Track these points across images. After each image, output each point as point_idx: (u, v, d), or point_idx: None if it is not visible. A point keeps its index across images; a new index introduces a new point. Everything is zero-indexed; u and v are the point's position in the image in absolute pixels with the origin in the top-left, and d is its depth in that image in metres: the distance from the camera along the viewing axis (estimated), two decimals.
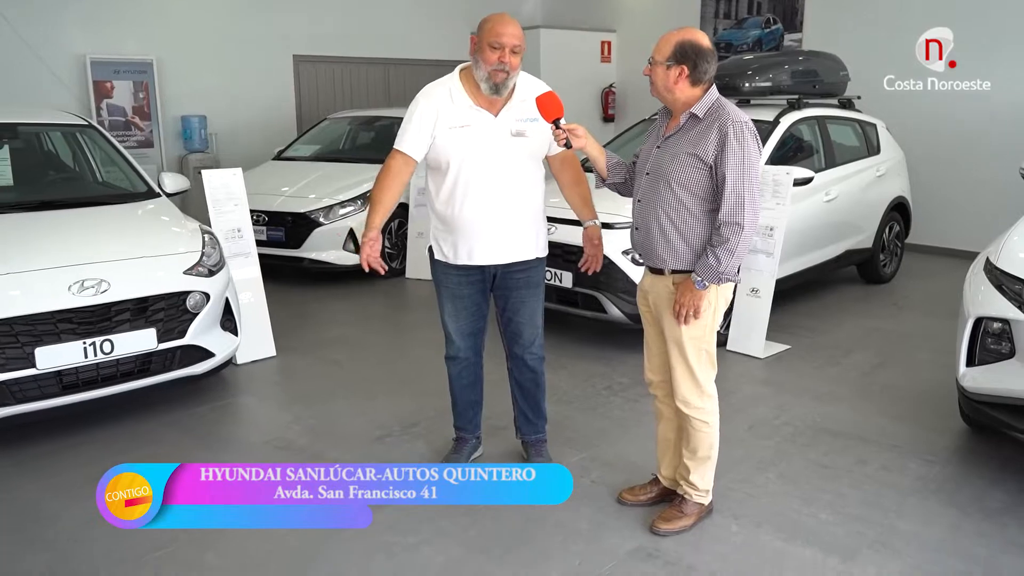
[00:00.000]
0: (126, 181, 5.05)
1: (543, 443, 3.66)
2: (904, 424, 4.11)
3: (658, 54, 2.86)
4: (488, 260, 3.28)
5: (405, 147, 3.22)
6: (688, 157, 2.84)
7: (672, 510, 3.14)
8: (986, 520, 3.20)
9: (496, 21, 3.17)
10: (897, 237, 7.26)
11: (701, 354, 2.97)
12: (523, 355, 3.48)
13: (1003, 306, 3.33)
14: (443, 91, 3.22)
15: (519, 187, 3.25)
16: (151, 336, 3.97)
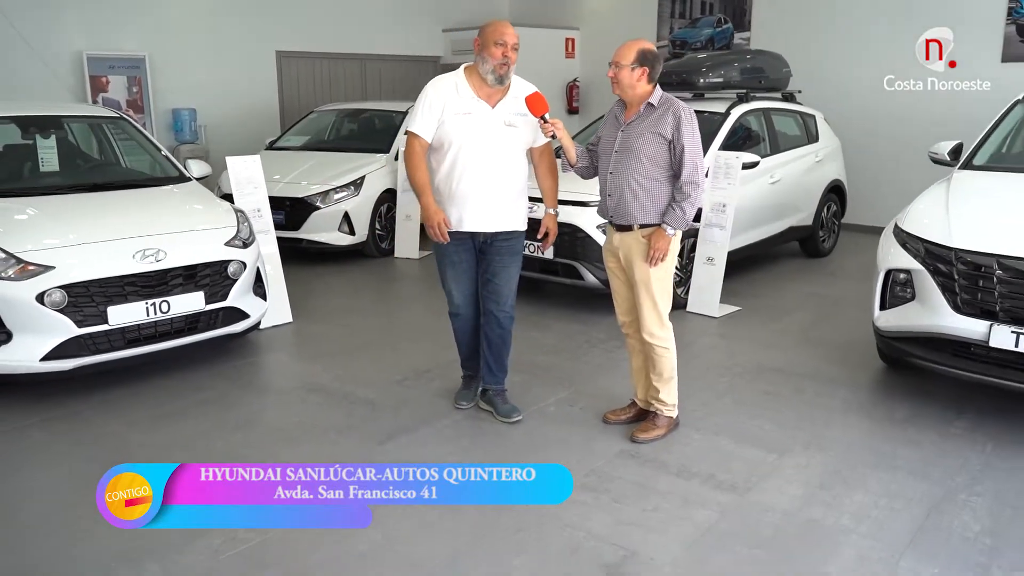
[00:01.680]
0: (158, 167, 5.67)
1: (502, 393, 4.19)
2: (834, 364, 4.95)
3: (623, 59, 3.66)
4: (479, 228, 3.92)
5: (418, 129, 3.84)
6: (653, 135, 3.64)
7: (647, 423, 3.92)
8: (893, 427, 4.05)
9: (499, 24, 3.89)
10: (834, 216, 8.16)
11: (663, 292, 3.77)
12: (497, 313, 4.06)
13: (906, 260, 4.17)
14: (450, 84, 3.88)
15: (507, 169, 3.93)
16: (200, 298, 4.63)
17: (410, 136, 3.88)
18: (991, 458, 3.69)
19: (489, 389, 4.22)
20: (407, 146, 3.89)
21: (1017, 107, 5.15)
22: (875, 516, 3.20)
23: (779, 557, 2.94)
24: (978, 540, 3.04)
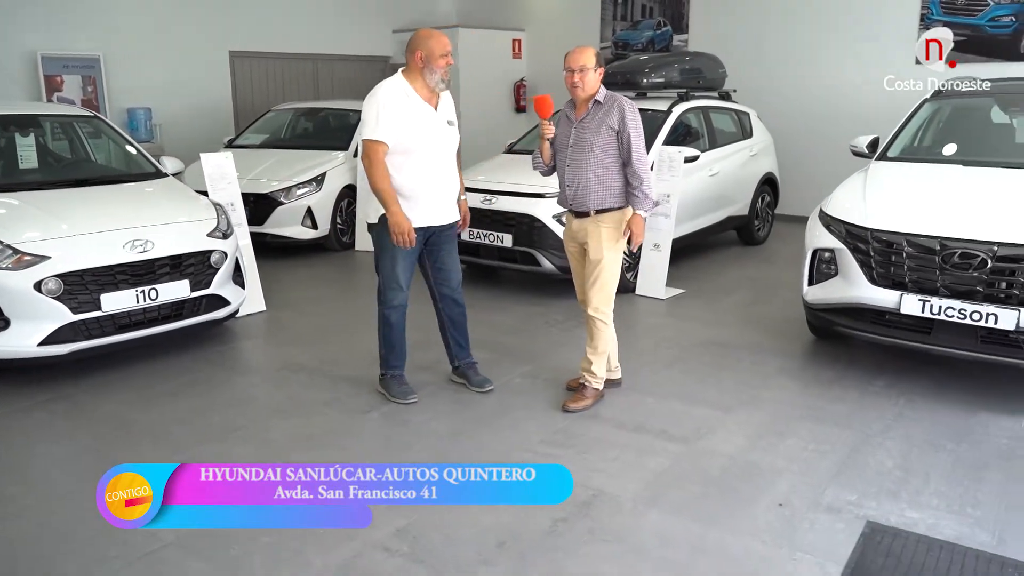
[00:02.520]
0: (133, 163, 5.91)
1: (474, 365, 4.56)
2: (770, 337, 5.49)
3: (587, 63, 4.10)
4: (435, 221, 4.23)
5: (381, 135, 3.96)
6: (605, 128, 4.09)
7: (577, 395, 4.32)
8: (820, 387, 4.59)
9: (439, 36, 4.08)
10: (768, 206, 8.78)
11: (613, 274, 4.23)
12: (453, 294, 4.41)
13: (830, 240, 4.71)
14: (399, 89, 4.05)
15: (451, 165, 4.28)
16: (185, 286, 4.92)
17: (372, 144, 3.96)
18: (904, 409, 4.25)
19: (462, 363, 4.60)
20: (370, 154, 3.97)
21: (925, 105, 5.76)
22: (804, 458, 3.71)
23: (723, 491, 3.42)
24: (890, 473, 3.56)
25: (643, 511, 3.26)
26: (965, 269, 4.13)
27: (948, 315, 4.18)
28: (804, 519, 3.19)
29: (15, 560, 2.96)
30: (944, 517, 3.20)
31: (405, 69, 4.13)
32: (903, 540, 3.02)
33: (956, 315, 4.16)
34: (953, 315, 4.16)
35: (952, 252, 4.16)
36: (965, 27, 8.68)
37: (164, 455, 3.77)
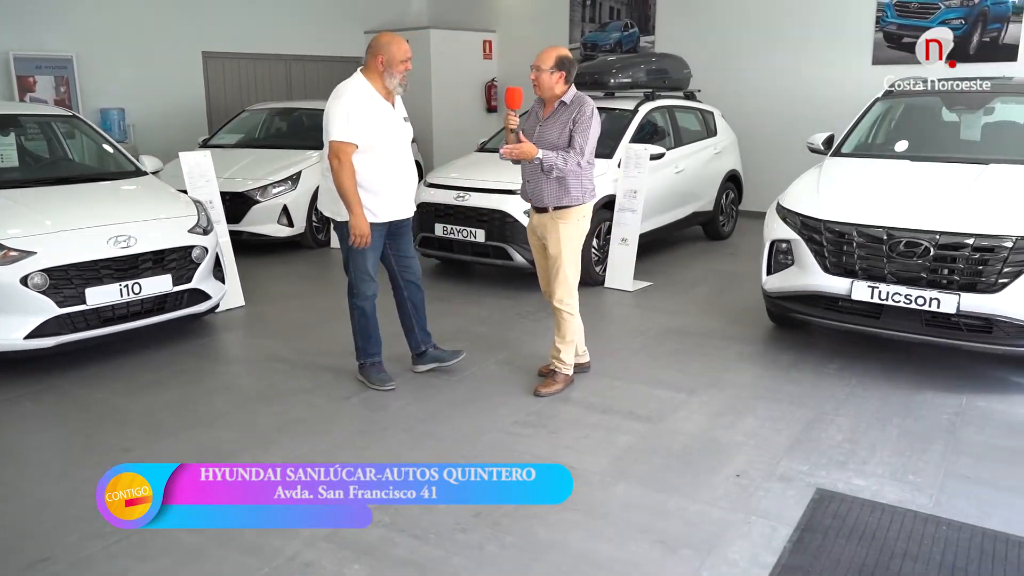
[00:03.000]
0: (113, 162, 6.03)
1: (435, 344, 4.81)
2: (732, 325, 5.75)
3: (544, 64, 4.30)
4: (400, 214, 4.44)
5: (352, 136, 4.09)
6: (564, 129, 4.29)
7: (548, 380, 4.55)
8: (778, 371, 4.85)
9: (399, 42, 4.21)
10: (732, 202, 9.07)
11: (573, 266, 4.43)
12: (416, 280, 4.65)
13: (786, 232, 4.97)
14: (363, 91, 4.20)
15: (410, 159, 4.50)
16: (168, 281, 5.06)
17: (341, 145, 4.08)
18: (855, 389, 4.52)
19: (428, 348, 4.80)
20: (340, 155, 4.09)
21: (877, 104, 6.06)
22: (762, 434, 3.96)
23: (685, 464, 3.66)
24: (840, 446, 3.82)
25: (610, 483, 3.48)
26: (910, 257, 4.41)
27: (895, 300, 4.46)
28: (759, 488, 3.43)
29: (20, 536, 3.10)
30: (887, 484, 3.46)
31: (364, 69, 4.29)
32: (849, 504, 3.28)
33: (903, 300, 4.44)
34: (900, 300, 4.44)
35: (898, 241, 4.44)
36: (917, 29, 9.02)
37: (153, 440, 3.92)
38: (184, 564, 2.89)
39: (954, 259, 4.34)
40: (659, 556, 2.93)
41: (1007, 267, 4.22)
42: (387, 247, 4.55)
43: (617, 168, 6.88)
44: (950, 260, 4.35)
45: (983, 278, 4.27)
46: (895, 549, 2.95)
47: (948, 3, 8.83)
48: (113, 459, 3.70)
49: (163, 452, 3.80)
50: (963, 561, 2.88)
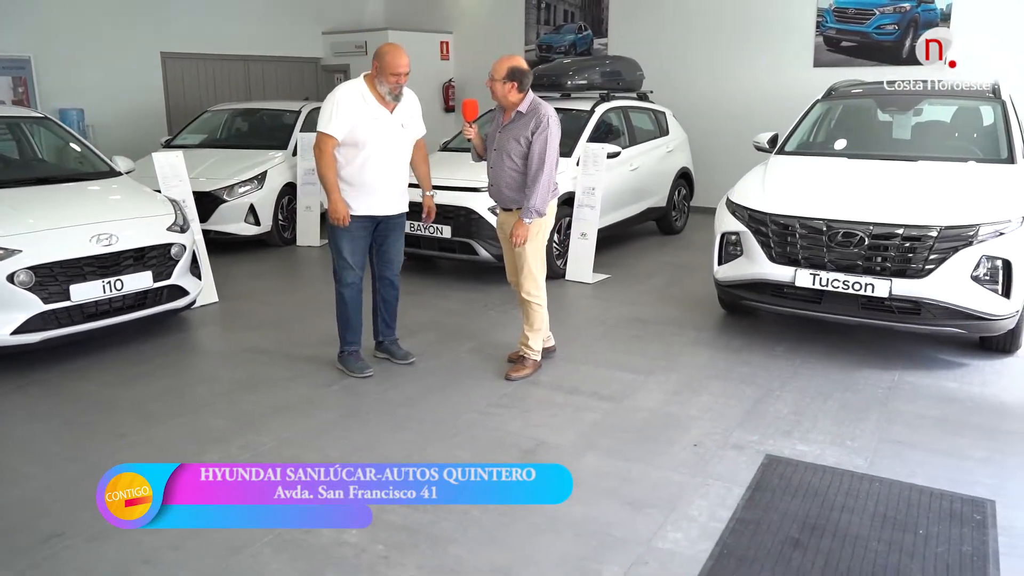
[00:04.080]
0: (87, 163, 6.16)
1: (396, 341, 5.06)
2: (685, 312, 6.13)
3: (496, 74, 4.58)
4: (384, 211, 4.73)
5: (333, 131, 4.44)
6: (519, 138, 4.58)
7: (518, 366, 4.86)
8: (730, 353, 5.23)
9: (395, 55, 4.49)
10: (684, 199, 9.49)
11: (538, 260, 4.75)
12: (392, 277, 4.91)
13: (735, 224, 5.35)
14: (356, 92, 4.56)
15: (401, 163, 4.77)
16: (148, 277, 5.24)
17: (323, 136, 4.45)
18: (800, 368, 4.92)
19: (386, 340, 5.07)
20: (320, 145, 4.46)
21: (817, 105, 6.50)
22: (715, 409, 4.33)
23: (646, 437, 4.00)
24: (786, 418, 4.21)
25: (580, 454, 3.80)
26: (847, 246, 4.82)
27: (834, 286, 4.86)
28: (714, 455, 3.78)
29: (31, 515, 3.29)
30: (828, 448, 3.85)
31: (368, 73, 4.59)
32: (794, 467, 3.65)
33: (841, 286, 4.84)
34: (839, 286, 4.85)
35: (836, 232, 4.85)
36: (855, 34, 9.58)
37: (146, 427, 4.13)
38: (196, 532, 3.12)
39: (886, 248, 4.76)
40: (627, 515, 3.26)
41: (933, 255, 4.65)
42: (373, 242, 4.81)
43: (576, 166, 7.21)
44: (883, 249, 4.77)
45: (912, 265, 4.70)
46: (834, 503, 3.32)
47: (882, 9, 9.37)
48: (109, 445, 3.92)
49: (157, 438, 4.01)
50: (893, 511, 3.26)
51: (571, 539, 3.10)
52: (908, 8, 9.20)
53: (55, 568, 2.94)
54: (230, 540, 3.04)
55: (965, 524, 3.16)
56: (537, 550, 3.03)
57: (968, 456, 3.78)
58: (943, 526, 3.15)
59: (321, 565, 2.93)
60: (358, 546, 3.03)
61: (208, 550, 3.01)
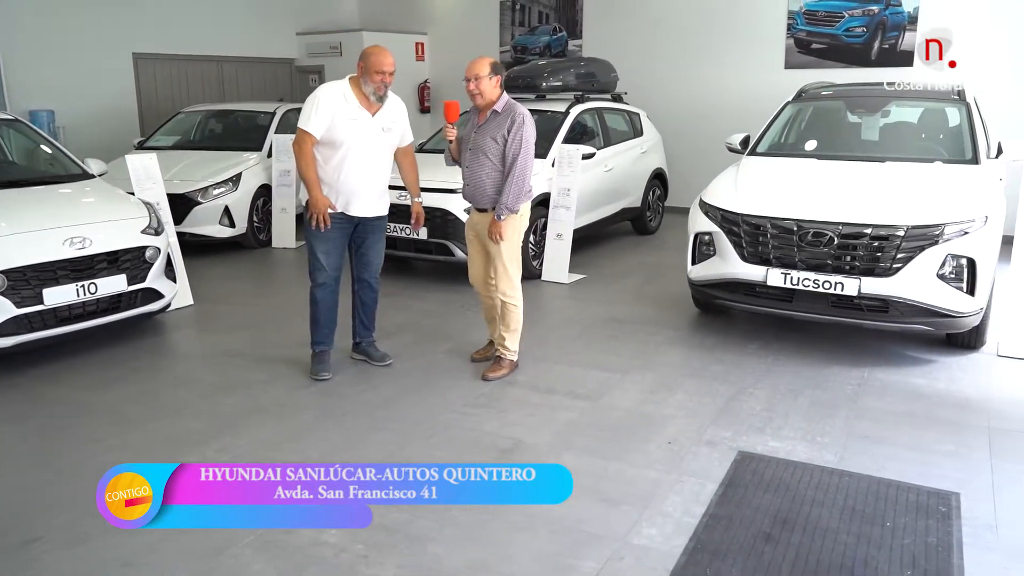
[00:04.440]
0: (59, 165, 6.11)
1: (373, 343, 5.07)
2: (660, 312, 6.20)
3: (481, 71, 4.61)
4: (361, 213, 4.73)
5: (312, 129, 4.47)
6: (496, 137, 4.63)
7: (495, 365, 4.91)
8: (704, 352, 5.31)
9: (380, 55, 4.55)
10: (659, 199, 9.58)
11: (514, 260, 4.79)
12: (370, 279, 4.91)
13: (708, 225, 5.43)
14: (338, 92, 4.59)
15: (381, 165, 4.78)
16: (122, 280, 5.21)
17: (302, 133, 4.50)
18: (772, 366, 5.01)
19: (363, 341, 5.08)
20: (300, 141, 4.51)
21: (788, 107, 6.60)
22: (690, 407, 4.39)
23: (622, 435, 4.05)
24: (758, 415, 4.28)
25: (556, 453, 3.85)
26: (817, 246, 4.92)
27: (805, 285, 4.95)
28: (688, 452, 3.85)
29: (5, 519, 3.28)
30: (799, 445, 3.93)
31: (354, 75, 4.61)
32: (766, 463, 3.72)
33: (811, 285, 4.93)
34: (809, 285, 4.94)
35: (807, 232, 4.94)
36: (824, 36, 9.72)
37: (122, 431, 4.11)
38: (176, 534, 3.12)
39: (855, 247, 4.85)
40: (603, 511, 3.31)
41: (900, 253, 4.76)
42: (351, 242, 4.82)
43: (551, 167, 7.27)
44: (852, 248, 4.86)
45: (880, 264, 4.80)
46: (805, 497, 3.40)
47: (851, 12, 9.53)
48: (84, 450, 3.91)
49: (133, 442, 4.00)
50: (861, 505, 3.34)
51: (547, 536, 3.14)
52: (876, 11, 9.36)
53: (35, 573, 2.93)
54: (210, 541, 3.05)
55: (931, 516, 3.25)
56: (514, 547, 3.07)
57: (934, 450, 3.88)
58: (909, 518, 3.23)
59: (301, 566, 2.95)
60: (338, 546, 3.05)
61: (188, 552, 3.01)
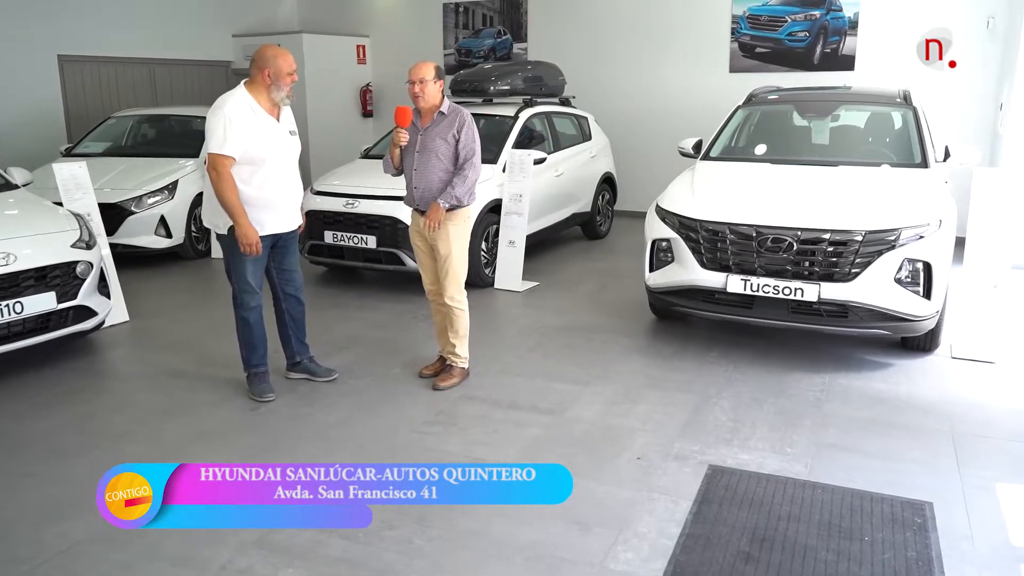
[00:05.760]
0: None
1: (313, 359, 4.86)
2: (617, 319, 6.11)
3: (427, 75, 4.51)
4: (283, 228, 4.48)
5: (229, 150, 4.10)
6: (445, 139, 4.55)
7: (445, 374, 4.78)
8: (664, 361, 5.22)
9: (285, 54, 4.26)
10: (608, 203, 9.52)
11: (461, 264, 4.67)
12: (296, 293, 4.70)
13: (666, 231, 5.35)
14: (244, 104, 4.20)
15: (295, 173, 4.56)
16: (51, 298, 4.88)
17: (218, 158, 4.10)
18: (733, 374, 4.95)
19: (303, 359, 4.85)
20: (218, 167, 4.10)
21: (739, 111, 6.59)
22: (655, 419, 4.29)
23: (589, 450, 3.93)
24: (725, 425, 4.20)
25: None
26: (776, 252, 4.88)
27: (765, 291, 4.91)
28: (658, 468, 3.74)
29: None
30: (768, 456, 3.85)
31: (248, 82, 4.30)
32: (738, 476, 3.64)
33: (771, 291, 4.89)
34: (769, 291, 4.90)
35: (766, 237, 4.90)
36: (768, 40, 9.80)
37: (56, 461, 3.82)
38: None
39: (814, 252, 4.83)
40: (576, 535, 3.17)
41: (858, 258, 4.75)
42: (270, 259, 4.58)
43: (502, 173, 7.12)
44: (810, 253, 4.83)
45: (838, 269, 4.78)
46: (780, 512, 3.32)
47: (793, 16, 9.62)
48: (13, 485, 3.61)
49: (67, 473, 3.72)
50: (837, 519, 3.27)
51: (521, 565, 2.99)
52: (818, 16, 9.47)
53: None
54: None
55: (907, 528, 3.20)
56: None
57: (902, 458, 3.85)
58: (887, 532, 3.17)
59: None
60: None
61: None
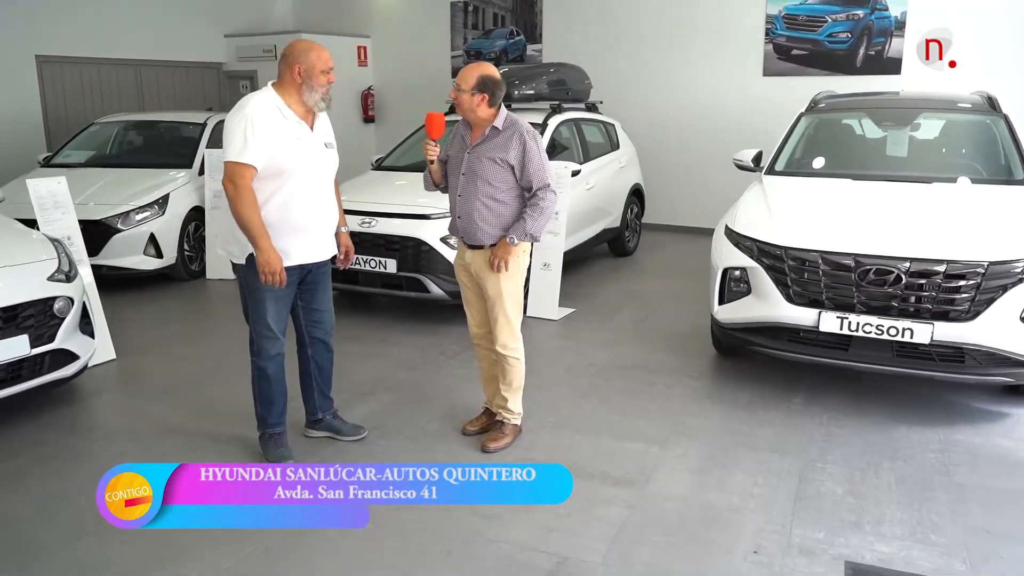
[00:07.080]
0: None
1: (337, 414, 4.12)
2: (672, 356, 5.37)
3: (464, 84, 3.73)
4: (313, 258, 3.68)
5: (251, 159, 3.39)
6: (496, 161, 3.76)
7: (496, 433, 4.04)
8: (742, 410, 4.49)
9: (319, 50, 3.59)
10: (637, 217, 8.80)
11: (515, 306, 3.92)
12: (326, 339, 3.92)
13: (741, 258, 4.63)
14: (272, 106, 3.50)
15: (330, 192, 3.78)
16: (24, 342, 4.09)
17: (237, 167, 3.40)
18: (830, 427, 4.23)
19: (326, 415, 4.09)
20: (236, 179, 3.40)
21: (802, 120, 5.88)
22: (757, 493, 3.56)
23: (691, 541, 3.19)
24: (844, 502, 3.48)
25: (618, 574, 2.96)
26: (880, 285, 4.16)
27: (866, 331, 4.19)
28: (783, 565, 3.01)
29: None
30: (913, 548, 3.13)
31: (277, 82, 3.59)
32: None
33: (874, 331, 4.18)
34: (871, 331, 4.18)
35: (868, 269, 4.18)
36: (806, 42, 9.12)
37: (22, 562, 3.04)
38: None
39: (926, 287, 4.11)
40: None
41: (980, 295, 4.04)
42: (297, 297, 3.81)
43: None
44: (922, 288, 4.12)
45: (956, 306, 4.07)
46: None
47: (835, 16, 8.95)
48: None
49: None
50: None
51: None
52: (861, 15, 8.80)
53: None
54: None
55: None
56: None
57: None
58: None
59: None
60: None
61: None
